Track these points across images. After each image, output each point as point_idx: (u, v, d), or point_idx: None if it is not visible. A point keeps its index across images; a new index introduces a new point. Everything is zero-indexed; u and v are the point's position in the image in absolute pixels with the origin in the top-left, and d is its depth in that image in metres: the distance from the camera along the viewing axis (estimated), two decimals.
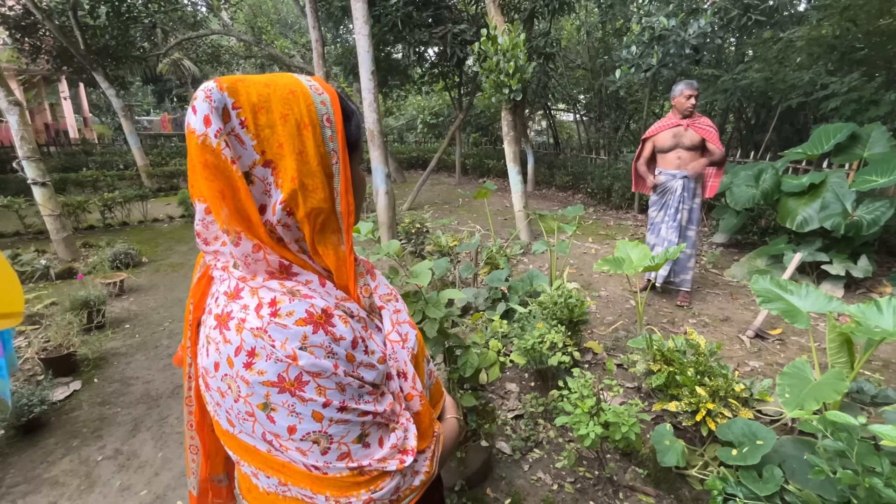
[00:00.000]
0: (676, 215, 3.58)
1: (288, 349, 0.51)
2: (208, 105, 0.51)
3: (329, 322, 0.55)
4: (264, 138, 0.53)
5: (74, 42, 8.14)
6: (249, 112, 0.53)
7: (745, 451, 1.58)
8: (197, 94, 0.52)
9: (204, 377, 0.57)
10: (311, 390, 0.52)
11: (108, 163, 11.54)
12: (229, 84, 0.53)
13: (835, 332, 1.95)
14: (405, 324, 0.73)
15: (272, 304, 0.53)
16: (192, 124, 0.51)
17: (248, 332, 0.52)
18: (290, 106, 0.54)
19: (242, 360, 0.52)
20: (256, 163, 0.53)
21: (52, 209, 4.78)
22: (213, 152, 0.50)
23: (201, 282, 0.65)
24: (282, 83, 0.56)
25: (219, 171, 0.51)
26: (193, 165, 0.52)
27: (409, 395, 0.67)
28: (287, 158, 0.54)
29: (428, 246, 4.08)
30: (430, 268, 1.64)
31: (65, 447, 2.17)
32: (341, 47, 10.31)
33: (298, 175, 0.54)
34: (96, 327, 3.32)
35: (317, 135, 0.56)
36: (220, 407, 0.56)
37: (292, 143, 0.54)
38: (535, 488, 1.91)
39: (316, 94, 0.57)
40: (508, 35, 4.70)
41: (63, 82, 14.92)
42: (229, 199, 0.52)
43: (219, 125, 0.51)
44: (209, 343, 0.55)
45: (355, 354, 0.57)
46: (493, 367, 1.81)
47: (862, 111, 5.25)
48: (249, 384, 0.51)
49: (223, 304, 0.56)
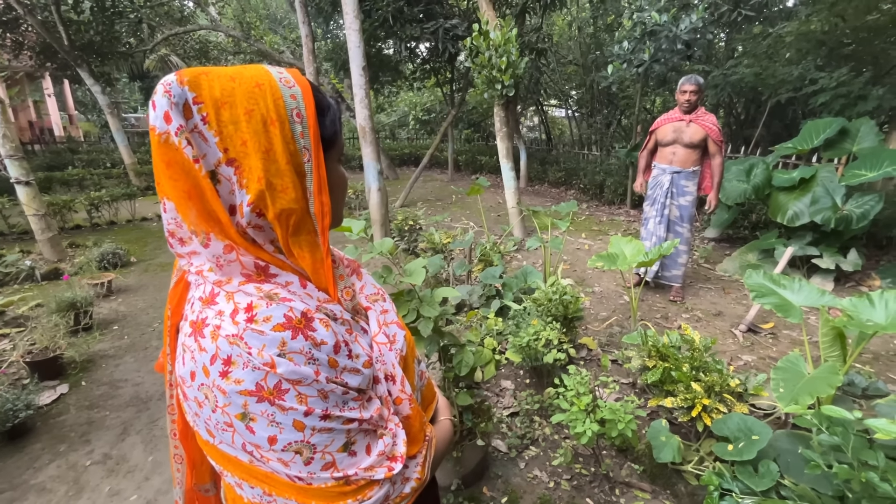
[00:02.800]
0: (663, 210, 3.59)
1: (265, 356, 0.49)
2: (167, 100, 0.48)
3: (309, 326, 0.52)
4: (227, 135, 0.50)
5: (58, 38, 7.97)
6: (212, 107, 0.50)
7: (740, 447, 1.58)
8: (157, 87, 0.49)
9: (181, 386, 0.54)
10: (292, 399, 0.50)
11: (95, 161, 11.32)
12: (191, 77, 0.50)
13: (827, 326, 1.95)
14: (393, 324, 0.70)
15: (248, 310, 0.51)
16: (151, 120, 0.49)
17: (224, 340, 0.49)
18: (255, 100, 0.51)
19: (218, 369, 0.49)
20: (220, 161, 0.50)
21: (37, 209, 4.68)
22: (176, 151, 0.48)
23: (178, 286, 0.62)
24: (248, 76, 0.53)
25: (183, 170, 0.49)
26: (157, 164, 0.50)
27: (397, 399, 0.65)
28: (252, 157, 0.51)
29: (421, 243, 4.05)
30: (424, 266, 1.62)
31: (52, 452, 2.12)
32: (331, 43, 10.22)
33: (265, 174, 0.51)
34: (83, 329, 3.26)
35: (285, 131, 0.52)
36: (198, 417, 0.53)
37: (257, 140, 0.51)
38: (532, 486, 1.91)
39: (285, 87, 0.54)
40: (500, 30, 4.67)
41: (47, 79, 14.63)
42: (196, 199, 0.50)
43: (179, 122, 0.48)
44: (185, 351, 0.53)
45: (338, 359, 0.54)
46: (489, 365, 1.79)
47: (850, 106, 5.30)
48: (226, 394, 0.49)
49: (198, 310, 0.54)
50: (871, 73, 5.55)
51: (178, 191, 0.49)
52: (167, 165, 0.49)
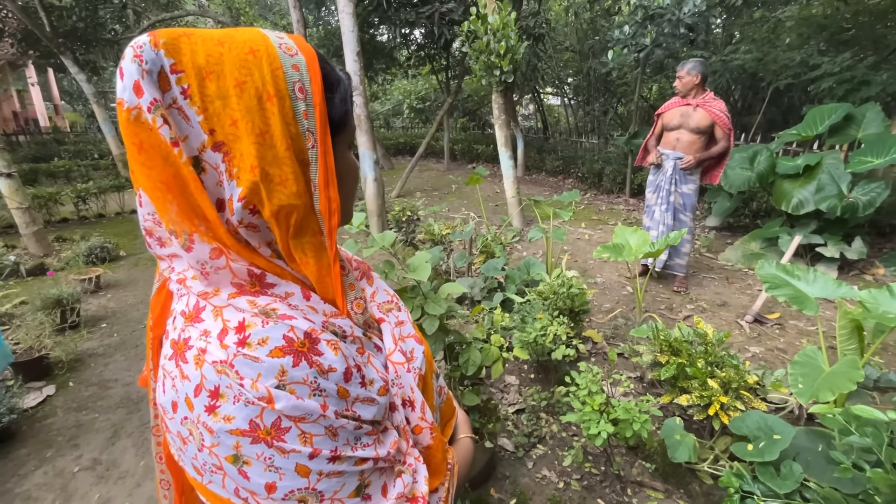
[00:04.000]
0: (668, 197, 3.52)
1: (261, 389, 0.40)
2: (138, 67, 0.38)
3: (314, 350, 0.43)
4: (213, 113, 0.40)
5: (40, 24, 7.68)
6: (195, 78, 0.39)
7: (761, 447, 1.51)
8: (126, 51, 0.38)
9: (162, 417, 0.45)
10: (294, 439, 0.41)
11: (82, 152, 11.05)
12: (168, 39, 0.39)
13: (846, 318, 1.89)
14: (410, 338, 0.60)
15: (240, 330, 0.41)
16: (119, 92, 0.38)
17: (210, 367, 0.40)
18: (248, 70, 0.41)
19: (204, 403, 0.40)
20: (205, 145, 0.40)
21: (20, 202, 4.52)
22: (150, 131, 0.38)
23: (161, 293, 0.52)
24: (240, 40, 0.42)
25: (160, 155, 0.38)
26: (128, 147, 0.39)
27: (416, 428, 0.56)
28: (244, 140, 0.40)
29: (419, 234, 3.95)
30: (429, 260, 1.53)
31: (38, 458, 2.03)
32: (323, 29, 9.97)
33: (260, 163, 0.41)
34: (70, 327, 3.14)
35: (285, 109, 0.42)
36: (183, 453, 0.44)
37: (251, 119, 0.40)
38: (541, 487, 1.84)
39: (286, 56, 0.43)
40: (499, 14, 4.53)
41: (30, 68, 14.21)
42: (176, 192, 0.39)
43: (154, 95, 0.38)
44: (165, 377, 0.43)
45: (349, 388, 0.45)
46: (497, 363, 1.71)
47: (854, 91, 5.22)
48: (214, 433, 0.40)
49: (180, 327, 0.44)
50: (874, 58, 5.46)
51: (153, 181, 0.39)
52: (139, 149, 0.39)
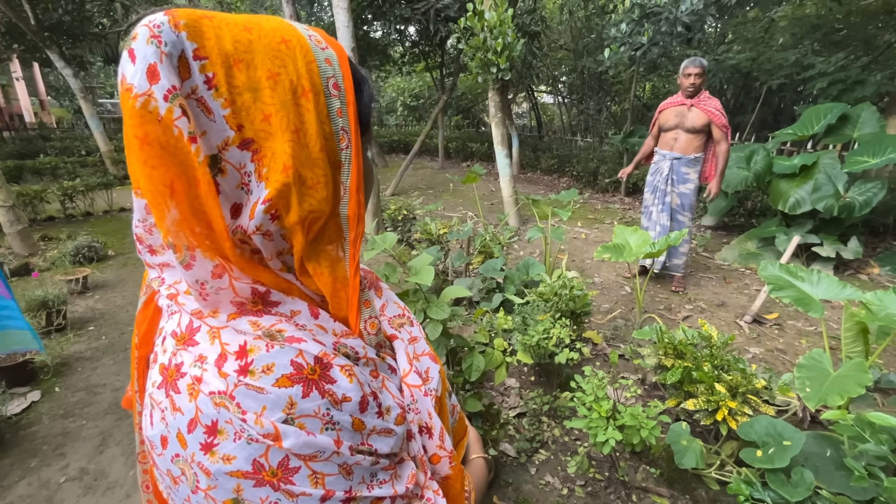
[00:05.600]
0: (665, 198, 3.51)
1: (266, 424, 0.35)
2: (156, 49, 0.31)
3: (326, 377, 0.38)
4: (243, 106, 0.35)
5: (24, 17, 7.48)
6: (221, 66, 0.34)
7: (770, 453, 1.48)
8: (137, 31, 0.32)
9: (150, 452, 0.39)
10: (304, 480, 0.36)
11: (69, 148, 10.84)
12: (189, 21, 0.33)
13: (852, 320, 1.87)
14: (425, 356, 0.55)
15: (241, 355, 0.36)
16: (128, 77, 0.32)
17: (207, 399, 0.35)
18: (282, 61, 0.36)
19: (199, 440, 0.35)
20: (230, 142, 0.35)
21: (4, 200, 4.38)
22: (161, 123, 0.31)
23: (147, 308, 0.47)
24: (269, 28, 0.37)
25: (167, 152, 0.32)
26: (129, 141, 0.33)
27: (434, 458, 0.51)
28: (277, 138, 0.35)
29: (416, 234, 3.90)
30: (431, 262, 1.47)
31: (22, 468, 1.94)
32: (316, 25, 9.85)
33: (294, 163, 0.36)
34: (56, 330, 3.04)
35: (320, 106, 0.38)
36: (173, 492, 0.39)
37: (286, 115, 0.36)
38: (545, 493, 1.80)
39: (318, 49, 0.39)
40: (496, 10, 4.47)
41: (15, 62, 13.90)
42: (181, 196, 0.33)
43: (172, 81, 0.32)
44: (153, 407, 0.38)
45: (365, 420, 0.40)
46: (500, 368, 1.66)
47: (847, 91, 5.24)
48: (211, 475, 0.35)
49: (170, 350, 0.39)
50: (867, 58, 5.49)
51: (154, 182, 0.33)
52: (143, 143, 0.32)
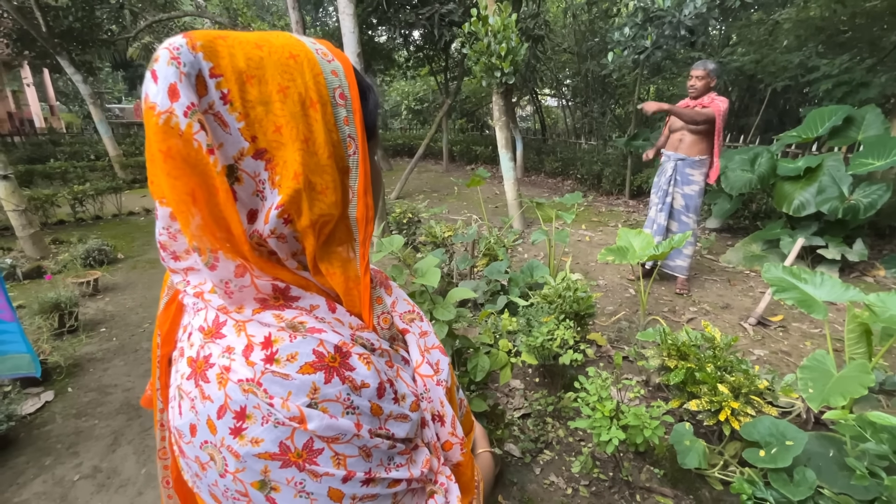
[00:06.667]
0: (666, 198, 3.53)
1: (292, 408, 0.38)
2: (175, 70, 0.36)
3: (346, 364, 0.41)
4: (256, 119, 0.39)
5: (35, 24, 7.61)
6: (235, 82, 0.38)
7: (773, 453, 1.49)
8: (158, 53, 0.36)
9: (177, 441, 0.42)
10: (327, 461, 0.39)
11: (78, 153, 10.95)
12: (205, 42, 0.38)
13: (854, 322, 1.88)
14: (435, 350, 0.59)
15: (266, 345, 0.39)
16: (150, 96, 0.36)
17: (236, 386, 0.38)
18: (291, 76, 0.40)
19: (229, 425, 0.38)
20: (245, 153, 0.39)
21: (17, 204, 4.46)
22: (182, 138, 0.35)
23: (170, 308, 0.50)
24: (278, 44, 0.41)
25: (188, 164, 0.36)
26: (153, 155, 0.37)
27: (446, 444, 0.54)
28: (288, 147, 0.39)
29: (421, 237, 3.93)
30: (437, 265, 1.51)
31: (37, 466, 1.99)
32: (321, 30, 9.94)
33: (304, 170, 0.40)
34: (69, 331, 3.09)
35: (327, 116, 0.42)
36: (199, 479, 0.42)
37: (295, 126, 0.40)
38: (549, 493, 1.82)
39: (325, 62, 0.43)
40: (499, 15, 4.51)
41: (26, 68, 14.14)
42: (202, 203, 0.37)
43: (191, 99, 0.36)
44: (182, 398, 0.41)
45: (382, 405, 0.43)
46: (505, 369, 1.69)
47: (852, 93, 5.23)
48: (240, 457, 0.38)
49: (199, 344, 0.42)
50: (872, 60, 5.48)
51: (177, 191, 0.37)
52: (166, 157, 0.36)
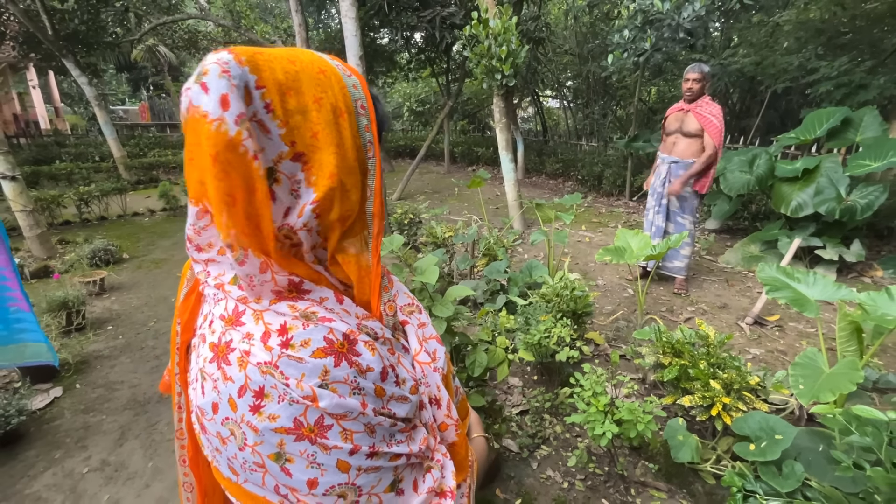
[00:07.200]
0: (661, 200, 3.57)
1: (305, 388, 0.42)
2: (227, 82, 0.40)
3: (353, 350, 0.46)
4: (294, 126, 0.44)
5: (41, 27, 7.69)
6: (276, 93, 0.43)
7: (763, 447, 1.54)
8: (207, 67, 0.41)
9: (199, 418, 0.47)
10: (335, 436, 0.44)
11: (83, 154, 11.04)
12: (249, 57, 0.42)
13: (846, 320, 1.92)
14: (432, 339, 0.64)
15: (282, 332, 0.44)
16: (203, 106, 0.40)
17: (255, 368, 0.43)
18: (323, 88, 0.46)
19: (248, 403, 0.43)
20: (284, 156, 0.44)
21: (24, 204, 4.54)
22: (231, 143, 0.40)
23: (189, 298, 0.55)
24: (307, 60, 0.47)
25: (233, 166, 0.40)
26: (193, 158, 0.42)
27: (442, 425, 0.59)
28: (324, 151, 0.45)
29: (422, 237, 3.98)
30: (436, 263, 1.55)
31: (47, 459, 2.04)
32: (324, 33, 10.01)
33: (338, 171, 0.46)
34: (76, 329, 3.15)
35: (352, 124, 0.47)
36: (219, 454, 0.47)
37: (330, 132, 0.45)
38: (546, 487, 1.86)
39: (346, 76, 0.49)
40: (500, 18, 4.57)
41: (31, 70, 14.24)
42: (240, 203, 0.41)
43: (241, 109, 0.40)
44: (205, 379, 0.46)
45: (385, 387, 0.48)
46: (502, 364, 1.73)
47: (851, 95, 5.26)
48: (258, 431, 0.43)
49: (220, 331, 0.46)
50: (871, 62, 5.51)
51: (220, 192, 0.41)
52: (215, 160, 0.40)
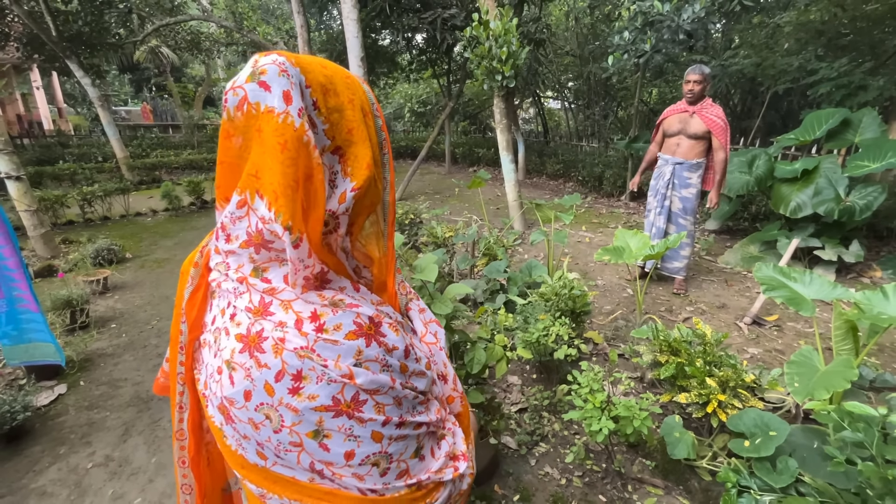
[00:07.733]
0: (664, 202, 3.58)
1: (343, 367, 0.46)
2: (287, 80, 0.45)
3: (379, 332, 0.51)
4: (334, 122, 0.49)
5: (45, 28, 7.76)
6: (320, 93, 0.48)
7: (757, 443, 1.56)
8: (264, 68, 0.45)
9: (226, 409, 0.49)
10: (370, 409, 0.48)
11: (86, 155, 11.12)
12: (297, 60, 0.47)
13: (841, 319, 1.93)
14: (433, 322, 0.70)
15: (314, 319, 0.48)
16: (266, 102, 0.44)
17: (292, 354, 0.46)
18: (353, 90, 0.51)
19: (287, 386, 0.46)
20: (325, 149, 0.49)
21: (28, 204, 4.58)
22: (297, 134, 0.44)
23: (196, 296, 0.57)
24: (334, 66, 0.53)
25: (300, 155, 0.45)
26: (266, 149, 0.44)
27: (449, 398, 0.66)
28: (358, 145, 0.50)
29: (422, 237, 4.01)
30: (436, 262, 1.58)
31: (52, 455, 2.07)
32: (325, 34, 10.05)
33: (372, 162, 0.52)
34: (80, 327, 3.19)
35: (371, 123, 0.53)
36: (248, 440, 0.49)
37: (361, 129, 0.50)
38: (544, 483, 1.89)
39: (363, 83, 0.55)
40: (501, 20, 4.59)
41: (35, 71, 14.33)
42: (302, 189, 0.46)
43: (300, 103, 0.45)
44: (233, 369, 0.48)
45: (408, 363, 0.53)
46: (501, 362, 1.76)
47: (851, 96, 5.28)
48: (298, 411, 0.46)
49: (247, 322, 0.49)
50: (870, 63, 5.52)
51: (287, 178, 0.44)
52: (283, 148, 0.44)
